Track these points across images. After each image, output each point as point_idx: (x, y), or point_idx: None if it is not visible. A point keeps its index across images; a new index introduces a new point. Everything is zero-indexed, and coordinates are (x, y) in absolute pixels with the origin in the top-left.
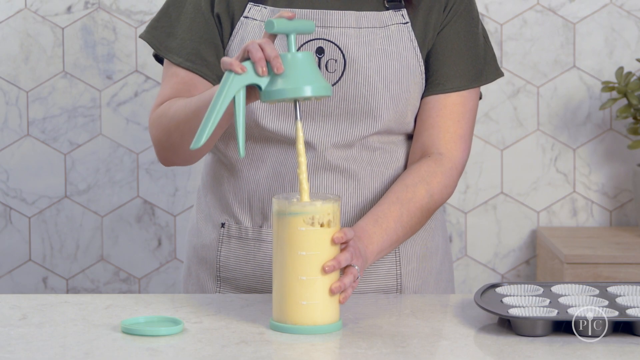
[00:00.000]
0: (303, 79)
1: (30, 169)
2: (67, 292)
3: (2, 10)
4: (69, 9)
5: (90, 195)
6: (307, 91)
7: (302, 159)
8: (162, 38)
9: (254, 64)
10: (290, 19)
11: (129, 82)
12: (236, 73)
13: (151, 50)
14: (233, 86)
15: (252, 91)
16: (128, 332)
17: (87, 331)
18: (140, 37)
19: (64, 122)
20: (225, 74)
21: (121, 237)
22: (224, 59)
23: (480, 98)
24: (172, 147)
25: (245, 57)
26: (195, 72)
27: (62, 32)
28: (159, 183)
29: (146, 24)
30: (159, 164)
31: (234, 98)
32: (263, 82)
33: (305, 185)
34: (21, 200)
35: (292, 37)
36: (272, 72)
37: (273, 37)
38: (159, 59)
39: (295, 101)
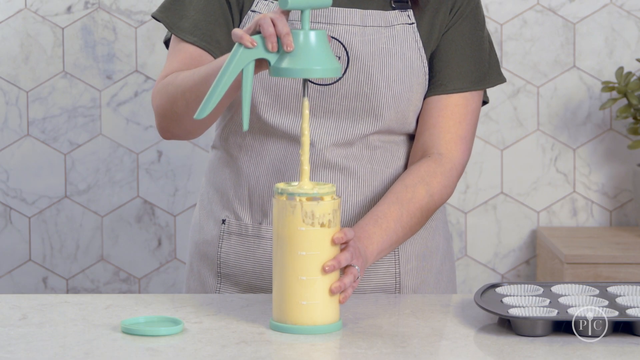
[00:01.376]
0: (313, 59)
1: (30, 169)
2: (67, 292)
3: (2, 10)
4: (69, 9)
5: (90, 195)
6: (316, 73)
7: (306, 139)
8: (175, 19)
9: (264, 39)
10: None
11: (129, 82)
12: (246, 47)
13: (151, 50)
14: (241, 60)
15: (264, 60)
16: (128, 332)
17: (87, 331)
18: (153, 15)
19: (64, 122)
20: (235, 46)
21: (121, 237)
22: (235, 31)
23: (487, 103)
24: (175, 117)
25: (257, 30)
26: (207, 52)
27: (62, 32)
28: (159, 183)
29: (146, 24)
30: (159, 163)
31: (242, 71)
32: (272, 57)
33: (306, 166)
34: (21, 200)
35: (307, 13)
36: (282, 49)
37: (287, 12)
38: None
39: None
